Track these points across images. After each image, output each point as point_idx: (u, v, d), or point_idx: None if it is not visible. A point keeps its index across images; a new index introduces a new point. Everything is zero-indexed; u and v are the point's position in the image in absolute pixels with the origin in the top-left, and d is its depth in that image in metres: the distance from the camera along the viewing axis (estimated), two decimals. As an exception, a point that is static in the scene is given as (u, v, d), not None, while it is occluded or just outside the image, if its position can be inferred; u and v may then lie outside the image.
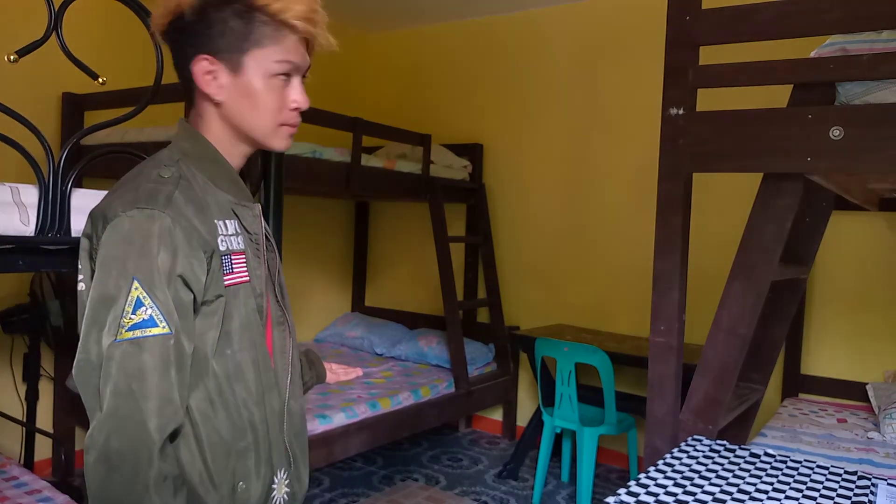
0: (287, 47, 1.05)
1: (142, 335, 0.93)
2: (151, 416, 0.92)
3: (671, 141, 1.97)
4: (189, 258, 0.98)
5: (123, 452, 0.90)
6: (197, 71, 1.05)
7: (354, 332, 4.58)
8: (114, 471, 0.90)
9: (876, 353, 3.21)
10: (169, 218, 0.97)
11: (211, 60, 1.04)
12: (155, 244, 0.96)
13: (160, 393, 0.93)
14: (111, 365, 0.93)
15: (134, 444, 0.91)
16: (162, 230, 0.96)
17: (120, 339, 0.93)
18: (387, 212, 4.99)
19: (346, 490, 3.41)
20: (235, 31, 1.03)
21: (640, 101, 3.78)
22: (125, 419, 0.91)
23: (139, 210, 0.97)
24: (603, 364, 3.10)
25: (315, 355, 1.51)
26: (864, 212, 3.15)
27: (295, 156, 3.08)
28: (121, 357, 0.93)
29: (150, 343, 0.93)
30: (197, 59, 1.05)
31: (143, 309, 0.94)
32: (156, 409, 0.93)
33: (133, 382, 0.92)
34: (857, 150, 1.69)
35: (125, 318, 0.93)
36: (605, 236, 4.01)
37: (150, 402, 0.92)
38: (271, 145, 1.10)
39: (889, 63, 1.65)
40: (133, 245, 0.96)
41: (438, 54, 4.72)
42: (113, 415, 0.92)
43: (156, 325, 0.94)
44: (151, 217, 0.97)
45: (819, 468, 1.84)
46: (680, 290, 2.00)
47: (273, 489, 1.11)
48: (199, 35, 1.04)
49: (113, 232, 0.97)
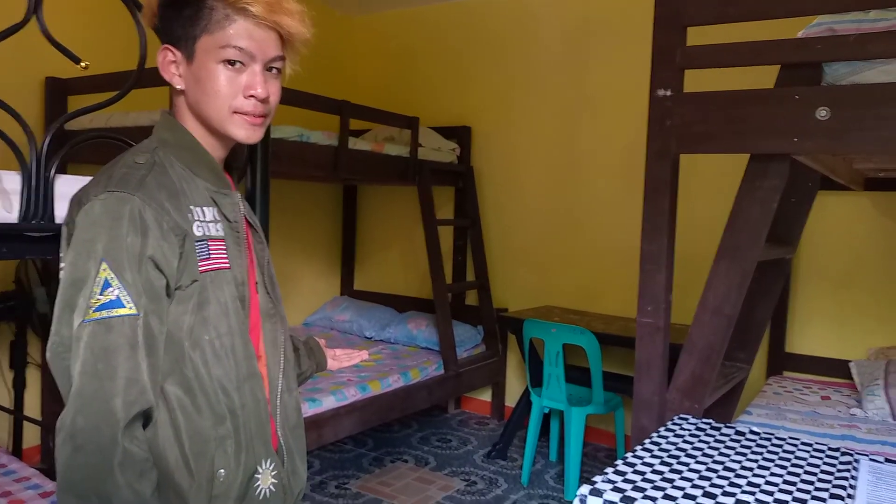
0: (238, 33, 1.03)
1: (108, 315, 0.94)
2: (116, 396, 0.92)
3: (659, 122, 1.97)
4: (160, 241, 0.98)
5: (88, 431, 0.91)
6: (160, 61, 1.08)
7: (344, 316, 4.58)
8: (78, 450, 0.91)
9: (859, 332, 3.25)
10: (139, 200, 0.98)
11: (172, 50, 1.07)
12: (124, 226, 0.96)
13: (125, 373, 0.94)
14: (79, 345, 0.94)
15: (98, 424, 0.91)
16: (132, 212, 0.97)
17: (88, 320, 0.94)
18: (375, 195, 4.97)
19: (336, 472, 3.43)
20: (188, 18, 1.04)
21: (629, 82, 3.78)
22: (90, 398, 0.92)
23: (110, 193, 0.98)
24: (590, 345, 3.12)
25: (315, 343, 1.49)
26: (850, 192, 3.17)
27: (281, 140, 3.06)
28: (88, 337, 0.94)
29: (116, 323, 0.94)
30: (161, 50, 1.08)
31: (111, 290, 0.95)
32: (121, 388, 0.93)
33: (99, 362, 0.93)
34: (844, 130, 1.70)
35: (93, 299, 0.94)
36: (593, 218, 4.03)
37: (115, 381, 0.93)
38: (230, 133, 1.08)
39: (876, 43, 1.66)
40: (102, 227, 0.96)
41: (426, 36, 4.68)
42: (79, 394, 0.92)
43: (122, 305, 0.95)
44: (121, 199, 0.97)
45: (803, 445, 1.87)
46: (667, 270, 2.02)
47: (256, 479, 1.09)
48: (163, 25, 1.07)
49: (85, 215, 0.98)
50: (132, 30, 1.42)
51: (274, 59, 1.08)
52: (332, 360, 1.52)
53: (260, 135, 1.11)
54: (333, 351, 1.54)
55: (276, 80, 1.10)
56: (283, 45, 1.09)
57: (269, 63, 1.08)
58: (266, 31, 1.06)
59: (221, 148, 1.13)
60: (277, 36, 1.07)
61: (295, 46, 1.11)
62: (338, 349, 1.55)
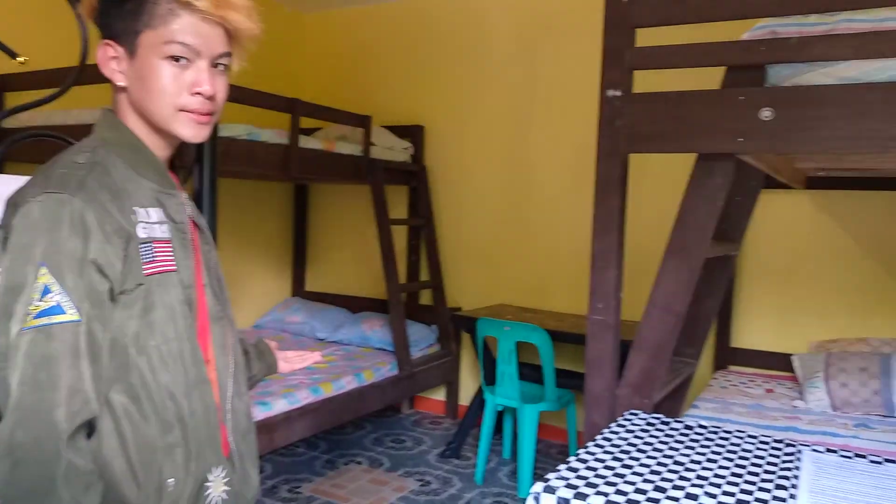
0: (183, 28, 1.00)
1: (48, 322, 0.90)
2: (58, 407, 0.89)
3: (608, 122, 2.00)
4: (102, 244, 0.94)
5: (28, 446, 0.87)
6: (100, 57, 1.04)
7: (295, 318, 4.53)
8: (18, 466, 0.87)
9: (801, 326, 3.35)
10: (79, 202, 0.94)
11: (113, 45, 1.03)
12: (65, 229, 0.92)
13: (68, 382, 0.90)
14: (17, 354, 0.89)
15: (39, 437, 0.87)
16: (72, 214, 0.93)
17: (27, 328, 0.90)
18: (327, 195, 4.92)
19: (288, 476, 3.38)
20: (130, 12, 1.00)
21: (580, 82, 3.82)
22: (31, 410, 0.88)
23: (48, 195, 0.94)
24: (543, 342, 3.15)
25: (265, 345, 1.46)
26: (792, 190, 3.27)
27: (230, 138, 3.00)
28: (27, 346, 0.89)
29: (57, 331, 0.90)
30: (101, 45, 1.03)
31: (51, 296, 0.91)
32: (63, 399, 0.89)
33: (40, 372, 0.89)
34: (787, 130, 1.75)
35: (32, 306, 0.90)
36: (545, 217, 4.06)
37: (56, 392, 0.89)
38: (176, 132, 1.05)
39: (816, 46, 1.71)
40: (41, 230, 0.92)
41: (378, 35, 4.66)
42: (18, 406, 0.88)
43: (63, 312, 0.91)
44: (61, 201, 0.93)
45: (749, 437, 1.92)
46: (617, 268, 2.05)
47: (207, 487, 1.06)
48: (104, 20, 1.03)
49: (22, 218, 0.94)
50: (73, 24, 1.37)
51: (221, 56, 1.05)
52: (283, 363, 1.49)
53: (207, 133, 1.08)
54: (285, 353, 1.50)
55: (223, 76, 1.08)
56: (229, 41, 1.06)
57: (216, 59, 1.05)
58: (212, 27, 1.03)
59: (166, 147, 1.10)
60: (224, 31, 1.05)
61: (242, 42, 1.09)
62: (290, 351, 1.52)
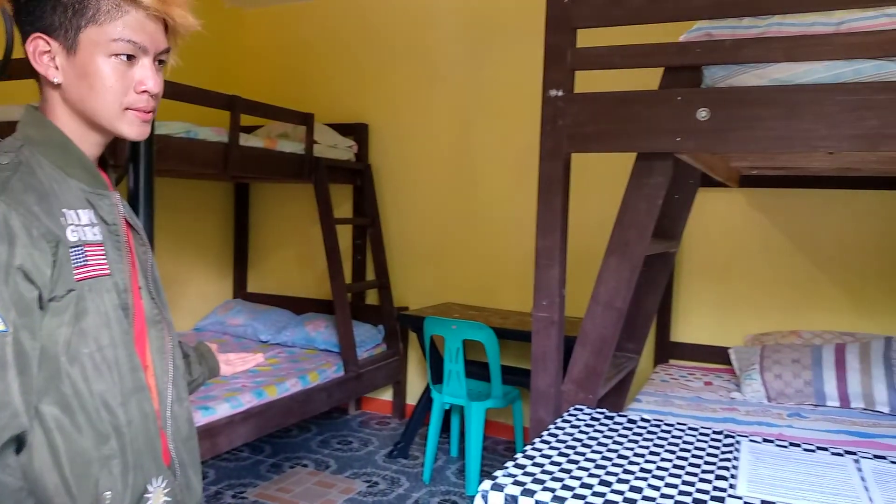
0: (129, 25, 0.97)
1: None
2: None
3: (551, 122, 2.02)
4: (29, 249, 0.90)
5: None
6: (31, 51, 0.98)
7: (237, 320, 4.43)
8: None
9: (737, 320, 3.46)
10: (3, 205, 0.89)
11: (46, 40, 0.97)
12: None
13: None
14: None
15: None
16: None
17: None
18: (269, 194, 4.84)
19: (232, 481, 3.31)
20: (70, 6, 0.95)
21: (524, 83, 3.85)
22: None
23: None
24: (489, 339, 3.17)
25: (206, 348, 1.42)
26: (727, 189, 3.37)
27: (167, 136, 2.91)
28: None
29: None
30: (31, 39, 0.97)
31: None
32: None
33: None
34: (722, 130, 1.80)
35: None
36: (491, 216, 4.08)
37: None
38: (120, 132, 1.02)
39: (749, 48, 1.77)
40: None
41: (320, 31, 4.60)
42: None
43: None
44: None
45: (689, 430, 1.97)
46: (560, 266, 2.07)
47: (147, 498, 1.03)
48: (34, 11, 0.97)
49: None
50: (-4, 16, 1.31)
51: (163, 52, 1.03)
52: (225, 366, 1.45)
53: (148, 131, 1.05)
54: (227, 356, 1.47)
55: (161, 72, 1.05)
56: (168, 36, 1.04)
57: (159, 56, 1.03)
58: (156, 23, 1.00)
59: (99, 146, 1.06)
60: (164, 27, 1.03)
61: (177, 38, 1.06)
62: (231, 353, 1.49)
